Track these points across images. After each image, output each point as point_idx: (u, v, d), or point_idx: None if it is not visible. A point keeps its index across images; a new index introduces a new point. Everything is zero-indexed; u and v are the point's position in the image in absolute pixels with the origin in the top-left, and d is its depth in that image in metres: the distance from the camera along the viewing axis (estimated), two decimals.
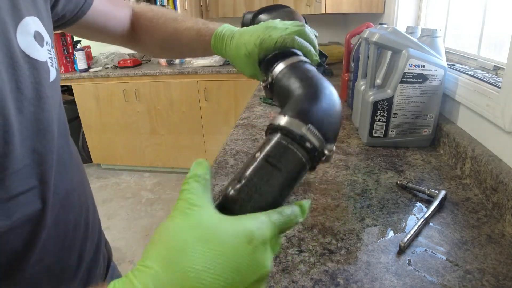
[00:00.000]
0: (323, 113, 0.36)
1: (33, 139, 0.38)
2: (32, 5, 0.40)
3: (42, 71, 0.39)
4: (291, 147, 0.32)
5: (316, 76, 0.41)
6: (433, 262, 0.50)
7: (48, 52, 0.42)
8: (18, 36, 0.37)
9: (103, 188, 2.83)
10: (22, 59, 0.37)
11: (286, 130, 0.33)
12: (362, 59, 0.99)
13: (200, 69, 2.59)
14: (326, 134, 0.34)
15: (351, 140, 0.97)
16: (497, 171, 0.63)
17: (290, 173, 0.32)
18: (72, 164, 0.48)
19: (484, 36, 0.91)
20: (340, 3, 1.73)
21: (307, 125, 0.33)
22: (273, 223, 0.28)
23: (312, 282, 0.47)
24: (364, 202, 0.67)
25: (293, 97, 0.38)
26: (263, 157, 0.32)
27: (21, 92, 0.37)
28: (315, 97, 0.37)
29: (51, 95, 0.41)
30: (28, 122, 0.37)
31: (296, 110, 0.35)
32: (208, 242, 0.24)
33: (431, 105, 0.86)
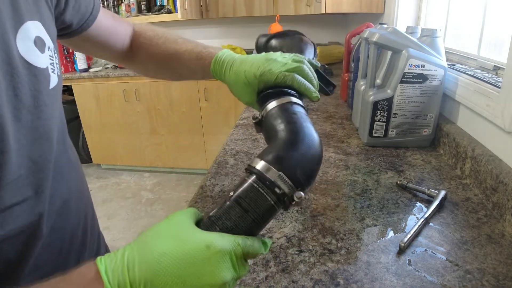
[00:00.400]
0: (297, 161, 0.38)
1: (29, 148, 0.37)
2: (34, 9, 0.39)
3: (41, 78, 0.38)
4: (261, 191, 0.36)
5: (299, 122, 0.43)
6: (433, 262, 0.50)
7: (50, 57, 0.41)
8: (18, 41, 0.36)
9: (103, 188, 2.83)
10: (22, 65, 0.36)
11: (259, 175, 0.36)
12: (362, 59, 0.99)
13: None
14: (297, 181, 0.37)
15: (351, 140, 0.97)
16: (497, 171, 0.63)
17: (258, 214, 0.36)
18: (70, 172, 0.47)
19: (484, 36, 0.91)
20: (340, 3, 1.73)
21: (279, 172, 0.36)
22: (237, 243, 0.33)
23: (312, 282, 0.47)
24: (364, 202, 0.67)
25: (274, 140, 0.42)
26: (234, 198, 0.36)
27: (19, 99, 0.35)
28: (293, 145, 0.40)
29: (50, 102, 0.40)
30: (25, 130, 0.36)
31: (272, 155, 0.38)
32: (174, 238, 0.31)
33: (431, 105, 0.86)
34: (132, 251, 0.31)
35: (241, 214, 0.35)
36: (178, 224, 0.33)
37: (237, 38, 3.12)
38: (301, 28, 2.75)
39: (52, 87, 0.41)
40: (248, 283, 0.47)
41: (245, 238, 0.34)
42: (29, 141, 0.37)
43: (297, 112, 0.46)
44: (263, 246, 0.36)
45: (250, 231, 0.36)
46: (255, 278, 0.48)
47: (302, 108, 0.49)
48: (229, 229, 0.35)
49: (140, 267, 0.29)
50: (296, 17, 2.79)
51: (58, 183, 0.43)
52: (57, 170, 0.43)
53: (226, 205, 0.36)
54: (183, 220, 0.34)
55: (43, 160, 0.39)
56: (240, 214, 0.35)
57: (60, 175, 0.44)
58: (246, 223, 0.35)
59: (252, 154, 0.91)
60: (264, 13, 2.66)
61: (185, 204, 2.52)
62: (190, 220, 0.34)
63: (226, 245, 0.32)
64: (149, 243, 0.31)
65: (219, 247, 0.31)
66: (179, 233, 0.32)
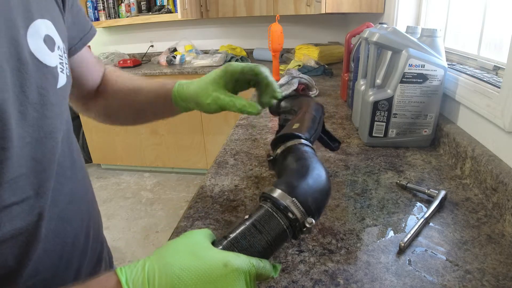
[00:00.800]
0: (308, 190, 0.42)
1: (33, 147, 0.36)
2: (45, 9, 0.39)
3: (49, 76, 0.38)
4: (275, 215, 0.39)
5: (309, 158, 0.48)
6: (433, 262, 0.50)
7: (60, 57, 0.41)
8: (28, 38, 0.36)
9: (103, 188, 2.83)
10: (31, 62, 0.36)
11: (273, 200, 0.40)
12: (362, 59, 0.99)
13: (200, 69, 2.59)
14: (309, 208, 0.40)
15: (351, 140, 0.97)
16: (497, 171, 0.63)
17: (272, 237, 0.38)
18: (74, 174, 0.46)
19: (484, 36, 0.91)
20: (340, 3, 1.73)
21: (292, 198, 0.40)
22: (252, 263, 0.34)
23: (312, 282, 0.47)
24: (364, 202, 0.66)
25: (287, 173, 0.46)
26: (250, 221, 0.39)
27: (26, 96, 0.35)
28: (304, 176, 0.44)
29: (57, 102, 0.40)
30: (30, 128, 0.36)
31: (285, 184, 0.42)
32: (193, 254, 0.33)
33: (431, 105, 0.87)
34: (152, 264, 0.32)
35: (255, 236, 0.38)
36: (195, 242, 0.35)
37: (237, 38, 3.12)
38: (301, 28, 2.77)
39: (60, 86, 0.40)
40: None
41: (259, 260, 0.36)
42: (33, 140, 0.36)
43: (307, 151, 0.51)
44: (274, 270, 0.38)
45: (263, 253, 0.38)
46: None
47: (311, 148, 0.54)
48: (244, 248, 0.37)
49: (160, 281, 0.30)
50: (296, 17, 2.79)
51: (61, 185, 0.42)
52: (60, 171, 0.42)
53: (243, 227, 0.39)
54: (199, 238, 0.36)
55: (46, 160, 0.39)
56: (255, 235, 0.38)
57: (63, 177, 0.43)
58: (260, 245, 0.38)
59: (252, 154, 0.91)
60: (264, 13, 2.66)
61: (185, 204, 2.52)
62: (206, 239, 0.36)
63: (242, 265, 0.34)
64: (169, 258, 0.32)
65: (236, 266, 0.33)
66: (197, 250, 0.34)
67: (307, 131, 0.61)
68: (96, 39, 2.85)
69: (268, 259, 0.39)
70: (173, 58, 2.83)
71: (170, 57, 2.83)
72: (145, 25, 3.04)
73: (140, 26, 3.07)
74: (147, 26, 3.07)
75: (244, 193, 0.71)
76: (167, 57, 2.82)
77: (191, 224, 0.62)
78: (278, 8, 2.61)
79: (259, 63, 2.61)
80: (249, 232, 0.38)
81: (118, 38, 3.24)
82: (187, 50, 2.92)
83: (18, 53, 0.34)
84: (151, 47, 3.17)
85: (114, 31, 3.21)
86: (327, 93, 1.59)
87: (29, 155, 0.36)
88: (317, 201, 0.42)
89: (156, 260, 0.32)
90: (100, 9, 2.80)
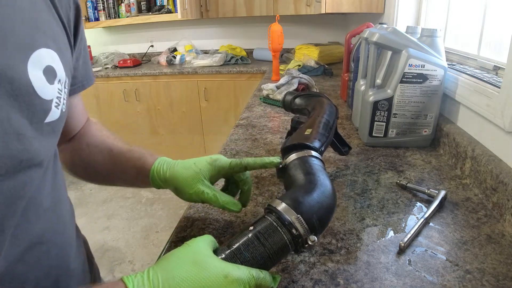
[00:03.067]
0: (314, 207, 0.42)
1: (5, 179, 0.32)
2: (53, 39, 0.38)
3: (38, 108, 0.34)
4: (279, 230, 0.40)
5: (317, 173, 0.49)
6: (433, 262, 0.50)
7: (58, 91, 0.37)
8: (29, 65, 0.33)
9: (103, 188, 2.83)
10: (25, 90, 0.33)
11: (279, 214, 0.40)
12: (362, 59, 0.99)
13: (200, 69, 2.59)
14: (313, 226, 0.41)
15: (351, 140, 0.97)
16: (497, 171, 0.63)
17: (274, 250, 0.39)
18: (46, 211, 0.41)
19: (484, 36, 0.91)
20: (340, 3, 1.73)
21: (298, 215, 0.40)
22: (251, 274, 0.36)
23: (312, 282, 0.47)
24: (364, 202, 0.66)
25: (295, 187, 0.47)
26: (254, 233, 0.40)
27: (10, 124, 0.31)
28: (311, 192, 0.44)
29: (40, 136, 0.35)
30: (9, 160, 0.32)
31: (292, 199, 0.42)
32: (195, 265, 0.34)
33: (431, 105, 0.86)
34: (155, 274, 0.33)
35: (258, 248, 0.39)
36: (197, 251, 0.36)
37: (237, 38, 3.12)
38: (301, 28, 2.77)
39: (49, 121, 0.36)
40: None
41: (259, 271, 0.37)
42: (9, 172, 0.32)
43: (315, 164, 0.51)
44: (273, 281, 0.39)
45: (264, 265, 0.39)
46: None
47: (320, 161, 0.54)
48: (246, 260, 0.38)
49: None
50: (296, 17, 2.79)
51: (29, 224, 0.37)
52: (30, 208, 0.37)
53: (246, 238, 0.40)
54: (202, 247, 0.37)
55: (14, 196, 0.33)
56: (258, 247, 0.39)
57: (34, 214, 0.38)
58: (261, 257, 0.39)
59: (252, 154, 0.91)
60: (264, 13, 2.66)
61: (185, 204, 2.52)
62: (208, 248, 0.37)
63: (242, 276, 0.35)
64: (171, 267, 0.34)
65: (236, 277, 0.34)
66: (199, 260, 0.35)
67: (318, 140, 0.61)
68: (96, 39, 2.86)
69: (268, 270, 0.40)
70: (173, 58, 2.84)
71: (170, 57, 2.83)
72: (145, 25, 3.04)
73: (140, 26, 3.07)
74: (147, 26, 3.07)
75: None
76: (167, 57, 2.82)
77: (191, 224, 0.62)
78: (278, 8, 2.62)
79: (259, 63, 2.60)
80: (252, 244, 0.39)
81: (118, 38, 3.24)
82: (187, 50, 2.92)
83: (12, 79, 0.31)
84: (151, 47, 3.17)
85: (114, 31, 3.21)
86: (327, 93, 1.59)
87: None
88: (321, 219, 0.43)
89: (159, 270, 0.34)
90: (100, 9, 2.80)
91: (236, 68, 2.57)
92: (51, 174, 0.42)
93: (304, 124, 0.68)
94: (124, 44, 3.23)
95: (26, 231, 0.37)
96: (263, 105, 1.41)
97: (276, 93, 1.38)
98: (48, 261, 0.41)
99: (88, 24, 2.82)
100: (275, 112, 1.31)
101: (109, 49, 3.12)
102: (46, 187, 0.40)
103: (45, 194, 0.40)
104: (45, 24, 0.37)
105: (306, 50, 2.42)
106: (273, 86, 1.42)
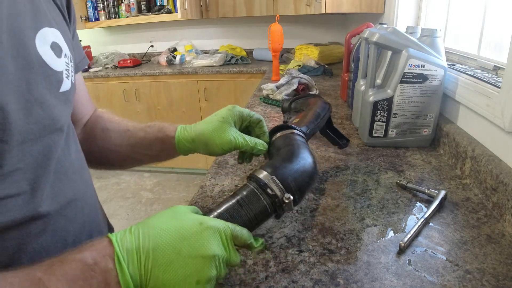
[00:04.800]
0: (290, 171, 0.46)
1: (33, 143, 0.38)
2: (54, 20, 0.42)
3: (53, 79, 0.40)
4: (256, 191, 0.43)
5: (297, 145, 0.53)
6: (433, 262, 0.50)
7: (66, 64, 0.43)
8: (37, 41, 0.38)
9: (103, 188, 2.83)
10: (37, 63, 0.38)
11: (256, 178, 0.44)
12: (362, 59, 0.99)
13: (200, 69, 2.59)
14: (288, 186, 0.44)
15: (351, 140, 0.97)
16: (497, 171, 0.63)
17: (252, 211, 0.42)
18: (75, 174, 0.46)
19: (484, 36, 0.91)
20: (340, 3, 1.73)
21: (272, 176, 0.44)
22: (227, 225, 0.38)
23: (312, 282, 0.47)
24: (364, 202, 0.66)
25: (274, 157, 0.50)
26: (234, 197, 0.43)
27: (31, 94, 0.37)
28: (288, 159, 0.48)
29: (58, 104, 0.41)
30: (34, 125, 0.37)
31: (270, 166, 0.46)
32: (173, 218, 0.37)
33: (431, 105, 0.86)
34: (137, 227, 0.36)
35: (236, 208, 0.42)
36: (177, 211, 0.39)
37: (237, 38, 3.12)
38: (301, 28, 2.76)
39: (63, 91, 0.42)
40: (248, 283, 0.47)
41: (235, 225, 0.39)
42: (36, 137, 0.38)
43: (297, 139, 0.55)
44: (255, 241, 0.41)
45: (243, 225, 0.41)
46: (255, 278, 0.48)
47: (303, 138, 0.58)
48: (225, 219, 0.40)
49: (144, 239, 0.35)
50: (296, 17, 2.79)
51: (61, 183, 0.43)
52: (59, 169, 0.42)
53: (227, 203, 0.43)
54: (182, 208, 0.40)
55: (44, 157, 0.39)
56: (236, 208, 0.42)
57: (64, 175, 0.43)
58: (241, 218, 0.42)
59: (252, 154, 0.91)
60: (264, 13, 2.66)
61: (185, 204, 2.51)
62: (188, 210, 0.40)
63: (217, 224, 0.38)
64: (151, 222, 0.37)
65: (210, 224, 0.37)
66: (178, 215, 0.38)
67: (305, 125, 0.64)
68: (96, 39, 2.86)
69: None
70: (173, 58, 2.84)
71: (170, 57, 2.83)
72: (145, 25, 3.04)
73: (140, 26, 3.07)
74: (147, 26, 3.07)
75: None
76: (167, 57, 2.82)
77: None
78: (278, 8, 2.62)
79: (259, 63, 2.60)
80: (231, 207, 0.42)
81: (118, 38, 3.24)
82: (187, 50, 2.92)
83: (25, 54, 0.36)
84: (151, 47, 3.17)
85: (114, 31, 3.21)
86: (327, 93, 1.59)
87: (28, 151, 0.37)
88: (297, 181, 0.45)
89: (141, 224, 0.37)
90: (100, 9, 2.80)
91: (236, 68, 2.57)
92: (72, 142, 0.47)
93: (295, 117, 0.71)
94: (124, 44, 3.23)
95: (61, 190, 0.43)
96: (263, 105, 1.41)
97: (276, 93, 1.38)
98: (83, 217, 0.47)
99: (88, 24, 2.82)
100: (275, 112, 1.31)
101: (109, 49, 3.12)
102: (70, 152, 0.46)
103: (70, 159, 0.46)
104: (43, 6, 0.42)
105: (306, 50, 2.42)
106: (273, 86, 1.42)
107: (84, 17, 2.80)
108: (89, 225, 0.49)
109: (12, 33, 0.35)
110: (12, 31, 0.35)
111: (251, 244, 0.40)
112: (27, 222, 0.38)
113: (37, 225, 0.39)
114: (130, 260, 0.34)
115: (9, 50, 0.35)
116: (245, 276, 0.49)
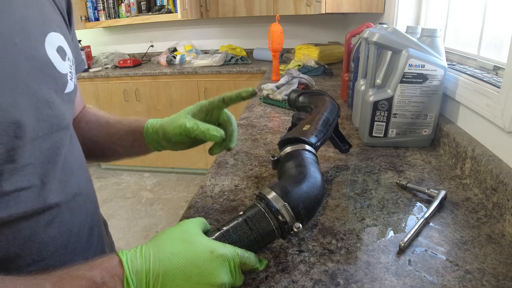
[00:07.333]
0: (301, 197, 0.45)
1: (43, 140, 0.40)
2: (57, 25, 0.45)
3: (59, 81, 0.43)
4: (267, 216, 0.43)
5: (308, 165, 0.51)
6: (433, 262, 0.50)
7: (70, 67, 0.46)
8: (46, 45, 0.41)
9: (103, 188, 2.83)
10: (47, 66, 0.41)
11: (267, 202, 0.44)
12: (362, 59, 0.99)
13: (200, 69, 2.59)
14: (299, 214, 0.44)
15: (351, 140, 0.97)
16: (497, 171, 0.63)
17: (260, 235, 0.43)
18: (78, 170, 0.49)
19: (484, 36, 0.91)
20: (340, 3, 1.73)
21: (285, 203, 0.43)
22: (236, 253, 0.39)
23: (312, 282, 0.47)
24: (364, 202, 0.66)
25: (285, 177, 0.50)
26: (243, 217, 0.43)
27: (42, 94, 0.39)
28: (300, 183, 0.47)
29: (63, 104, 0.44)
30: (43, 123, 0.40)
31: (281, 188, 0.45)
32: (184, 242, 0.38)
33: (431, 105, 0.86)
34: (148, 249, 0.37)
35: (246, 231, 0.42)
36: (188, 230, 0.40)
37: (237, 38, 3.12)
38: (301, 28, 2.77)
39: (67, 92, 0.45)
40: (248, 283, 0.47)
41: (244, 251, 0.41)
42: (45, 133, 0.40)
43: (308, 157, 0.54)
44: (260, 263, 0.43)
45: (251, 247, 0.42)
46: (255, 278, 0.48)
47: (314, 155, 0.57)
48: (234, 241, 0.41)
49: (154, 263, 0.36)
50: (296, 17, 2.79)
51: (68, 177, 0.45)
52: (66, 165, 0.45)
53: (235, 222, 0.43)
54: (191, 227, 0.41)
55: (53, 153, 0.42)
56: (245, 231, 0.42)
57: (70, 171, 0.46)
58: (248, 240, 0.42)
59: (252, 154, 0.91)
60: (264, 13, 2.66)
61: (185, 204, 2.52)
62: (199, 228, 0.41)
63: (227, 252, 0.38)
64: (162, 243, 0.38)
65: (221, 253, 0.38)
66: (187, 238, 0.39)
67: (315, 135, 0.63)
68: (96, 39, 2.86)
69: (255, 253, 0.43)
70: (173, 58, 2.84)
71: (170, 57, 2.83)
72: (145, 25, 3.04)
73: (140, 26, 3.07)
74: (147, 26, 3.07)
75: (244, 193, 0.71)
76: (167, 57, 2.82)
77: None
78: (278, 8, 2.62)
79: (259, 63, 2.61)
80: (240, 227, 0.42)
81: (118, 38, 3.24)
82: (187, 50, 2.92)
83: (37, 56, 0.39)
84: (151, 47, 3.17)
85: (114, 31, 3.21)
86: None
87: (38, 147, 0.39)
88: (307, 208, 0.46)
89: (151, 245, 0.38)
90: (100, 9, 2.80)
91: (236, 68, 2.57)
92: (75, 140, 0.50)
93: (304, 120, 0.69)
94: (124, 44, 3.23)
95: (68, 184, 0.45)
96: (263, 105, 1.41)
97: (276, 93, 1.38)
98: (85, 210, 0.49)
99: (88, 24, 2.82)
100: (275, 112, 1.31)
101: (109, 49, 3.12)
102: (75, 149, 0.49)
103: (75, 156, 0.49)
104: (49, 12, 0.44)
105: (306, 50, 2.42)
106: (273, 86, 1.42)
107: (84, 17, 2.80)
108: (91, 217, 0.51)
109: (25, 36, 0.37)
110: (25, 34, 0.38)
111: (257, 268, 0.43)
112: (37, 213, 0.40)
113: (45, 217, 0.41)
114: (138, 283, 0.35)
115: (22, 52, 0.37)
116: (245, 276, 0.49)
